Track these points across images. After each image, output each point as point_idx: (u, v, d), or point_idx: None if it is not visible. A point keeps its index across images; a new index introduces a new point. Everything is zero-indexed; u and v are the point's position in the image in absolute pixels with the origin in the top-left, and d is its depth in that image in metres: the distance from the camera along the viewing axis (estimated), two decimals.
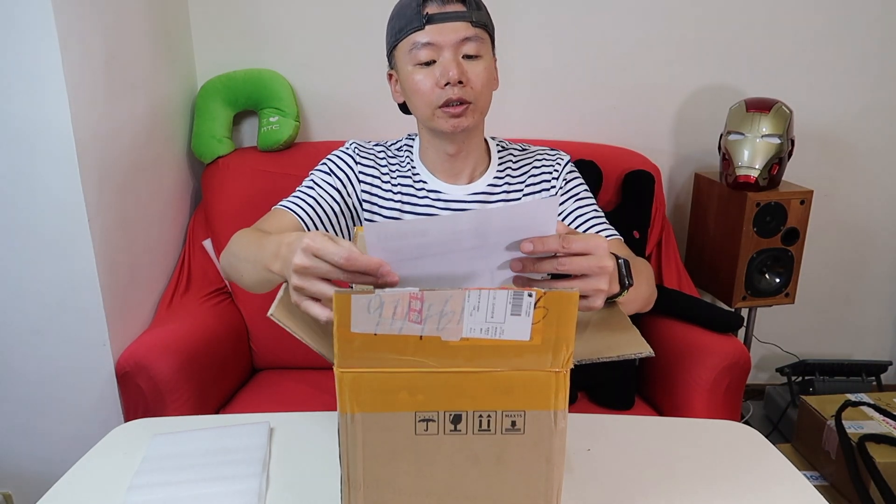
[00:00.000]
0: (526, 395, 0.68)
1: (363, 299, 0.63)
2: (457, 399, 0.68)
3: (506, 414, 0.69)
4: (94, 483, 0.88)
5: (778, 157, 1.82)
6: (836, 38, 2.06)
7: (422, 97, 1.09)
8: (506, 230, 0.75)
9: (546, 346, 0.66)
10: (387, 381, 0.67)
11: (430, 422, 0.69)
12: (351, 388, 0.67)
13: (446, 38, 1.05)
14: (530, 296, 0.64)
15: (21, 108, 1.33)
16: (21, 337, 1.47)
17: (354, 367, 0.66)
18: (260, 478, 0.88)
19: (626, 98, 2.06)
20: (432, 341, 0.66)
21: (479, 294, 0.64)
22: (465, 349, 0.66)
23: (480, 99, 1.10)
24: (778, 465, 0.95)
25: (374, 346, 0.65)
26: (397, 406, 0.68)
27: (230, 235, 1.79)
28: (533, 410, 0.68)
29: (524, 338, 0.66)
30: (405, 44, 1.08)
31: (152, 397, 1.44)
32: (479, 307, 0.65)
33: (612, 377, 1.71)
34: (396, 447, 0.69)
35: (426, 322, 0.65)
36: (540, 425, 0.69)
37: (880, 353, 2.39)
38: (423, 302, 0.64)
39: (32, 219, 1.40)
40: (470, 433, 0.69)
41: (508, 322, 0.65)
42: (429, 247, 0.73)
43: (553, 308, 0.65)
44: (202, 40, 1.95)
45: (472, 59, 1.07)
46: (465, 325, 0.65)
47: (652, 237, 1.86)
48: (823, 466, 1.81)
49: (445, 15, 1.05)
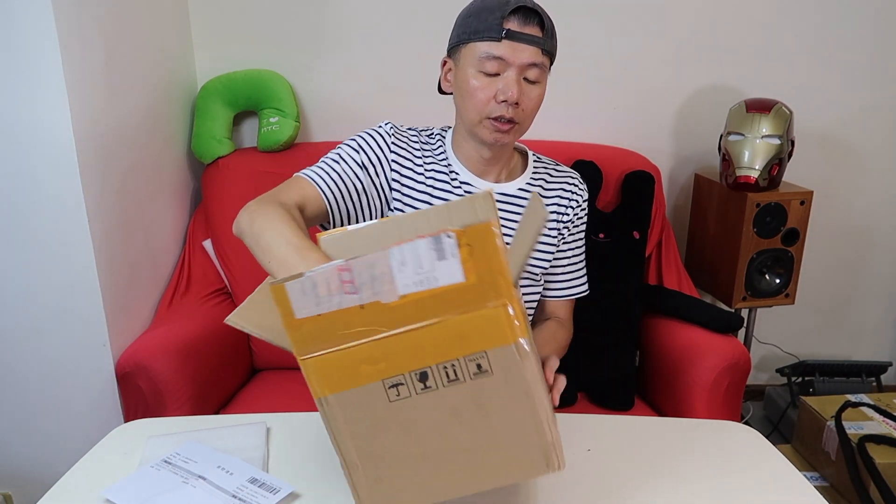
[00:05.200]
0: (481, 336, 0.68)
1: (296, 284, 0.65)
2: (417, 357, 0.68)
3: (468, 359, 0.68)
4: (94, 483, 0.88)
5: (778, 157, 1.82)
6: (836, 38, 2.06)
7: (476, 104, 1.11)
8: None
9: (482, 282, 0.66)
10: (346, 358, 0.68)
11: (400, 386, 0.69)
12: (316, 373, 0.68)
13: (517, 58, 1.07)
14: (450, 237, 0.64)
15: (21, 108, 1.33)
16: (21, 337, 1.47)
17: (312, 352, 0.68)
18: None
19: (626, 98, 2.06)
20: (374, 307, 0.66)
21: (402, 248, 0.65)
22: (408, 306, 0.67)
23: (526, 122, 1.14)
24: (778, 465, 0.95)
25: (321, 327, 0.66)
26: (364, 379, 0.69)
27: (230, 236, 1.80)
28: (493, 349, 0.68)
29: (459, 279, 0.66)
30: (475, 47, 1.09)
31: (152, 398, 1.44)
32: (405, 261, 0.65)
33: (612, 377, 1.71)
34: (376, 419, 0.70)
35: (361, 290, 0.66)
36: (506, 361, 0.68)
37: (880, 353, 2.39)
38: (352, 272, 0.65)
39: (32, 219, 1.40)
40: (441, 387, 0.69)
41: (438, 268, 0.65)
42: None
43: (476, 243, 0.65)
44: (202, 40, 1.95)
45: (531, 84, 1.11)
46: (399, 283, 0.66)
47: (652, 238, 1.86)
48: (823, 467, 1.81)
49: (524, 36, 1.07)
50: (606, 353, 1.72)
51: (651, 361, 1.72)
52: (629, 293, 1.77)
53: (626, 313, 1.75)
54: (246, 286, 1.80)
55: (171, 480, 0.87)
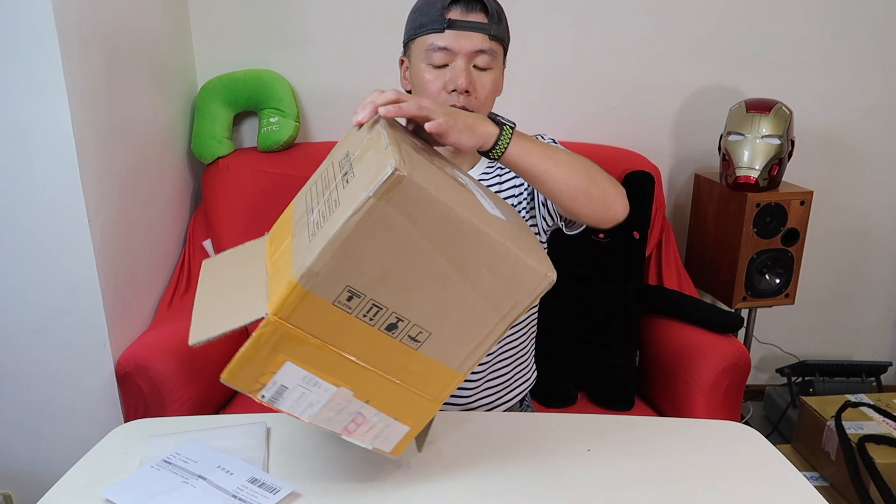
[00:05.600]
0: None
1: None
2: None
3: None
4: (94, 483, 0.88)
5: (778, 157, 1.82)
6: (836, 38, 2.06)
7: (428, 96, 1.11)
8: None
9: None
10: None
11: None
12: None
13: (462, 47, 1.08)
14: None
15: (21, 108, 1.33)
16: (21, 337, 1.47)
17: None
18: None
19: (626, 98, 2.06)
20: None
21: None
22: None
23: (483, 108, 1.13)
24: (778, 465, 0.95)
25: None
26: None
27: (230, 236, 1.80)
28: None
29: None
30: (422, 41, 1.10)
31: (152, 398, 1.44)
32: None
33: (612, 377, 1.71)
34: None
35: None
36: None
37: (880, 353, 2.39)
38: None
39: (32, 219, 1.40)
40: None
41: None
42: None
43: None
44: (202, 40, 1.95)
45: (482, 70, 1.11)
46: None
47: (652, 238, 1.86)
48: (823, 467, 1.81)
49: (466, 23, 1.07)
50: (606, 353, 1.72)
51: (651, 361, 1.72)
52: (629, 293, 1.77)
53: (626, 313, 1.75)
54: None
55: (171, 480, 0.87)
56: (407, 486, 0.88)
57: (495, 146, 0.86)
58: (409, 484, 0.89)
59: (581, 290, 1.74)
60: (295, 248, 0.76)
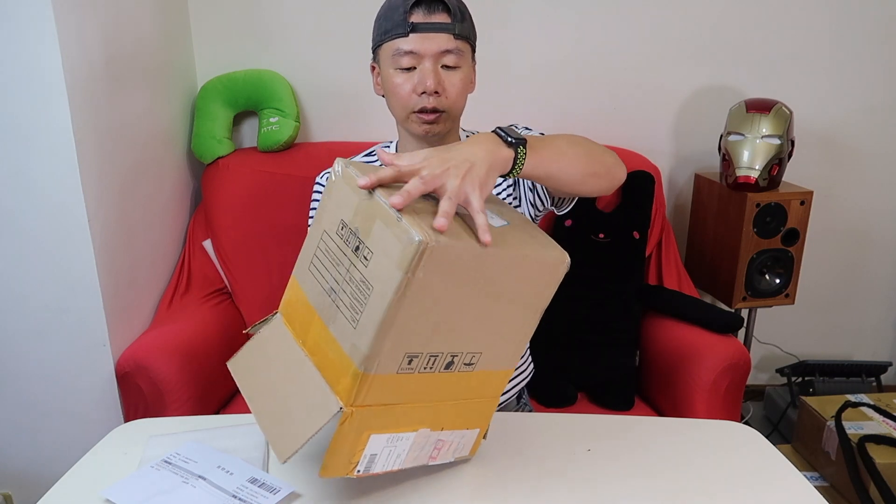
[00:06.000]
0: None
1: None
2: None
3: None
4: (94, 483, 0.88)
5: (778, 157, 1.82)
6: (836, 39, 2.06)
7: (399, 100, 1.13)
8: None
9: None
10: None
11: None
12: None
13: (427, 49, 1.09)
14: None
15: (21, 108, 1.33)
16: (21, 337, 1.47)
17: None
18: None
19: (626, 98, 2.06)
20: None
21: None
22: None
23: (454, 108, 1.15)
24: (778, 465, 0.95)
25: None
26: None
27: (230, 236, 1.81)
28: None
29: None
30: (388, 46, 1.11)
31: (152, 398, 1.44)
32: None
33: (612, 378, 1.71)
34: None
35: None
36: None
37: (880, 353, 2.39)
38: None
39: (32, 219, 1.40)
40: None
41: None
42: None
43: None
44: (202, 40, 1.95)
45: (451, 70, 1.12)
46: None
47: (652, 238, 1.86)
48: (823, 467, 1.81)
49: (430, 25, 1.09)
50: (606, 352, 1.72)
51: (651, 361, 1.72)
52: (629, 293, 1.77)
53: (626, 313, 1.75)
54: (246, 286, 1.80)
55: (171, 480, 0.87)
56: (407, 487, 0.88)
57: (511, 170, 0.84)
58: (408, 484, 0.89)
59: (581, 290, 1.74)
60: (336, 334, 0.76)
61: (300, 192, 1.79)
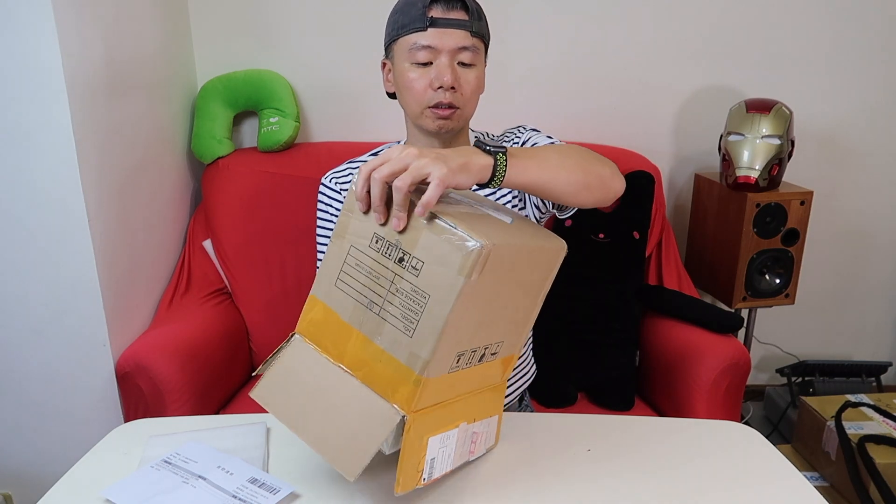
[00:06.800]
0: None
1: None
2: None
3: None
4: (93, 483, 0.88)
5: (778, 157, 1.82)
6: (836, 38, 2.06)
7: (414, 95, 1.13)
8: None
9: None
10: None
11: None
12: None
13: (445, 44, 1.09)
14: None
15: (21, 108, 1.33)
16: (21, 337, 1.47)
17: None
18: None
19: (626, 98, 2.06)
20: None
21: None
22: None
23: (468, 105, 1.15)
24: (778, 465, 0.96)
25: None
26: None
27: (230, 236, 1.81)
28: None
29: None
30: (405, 41, 1.11)
31: (152, 398, 1.44)
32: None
33: (612, 377, 1.71)
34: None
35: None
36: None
37: (880, 353, 2.39)
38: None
39: (32, 219, 1.40)
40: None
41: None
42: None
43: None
44: (202, 40, 1.95)
45: (466, 67, 1.12)
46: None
47: (652, 238, 1.86)
48: (823, 467, 1.81)
49: (448, 21, 1.09)
50: (606, 352, 1.73)
51: (651, 361, 1.72)
52: (629, 293, 1.77)
53: (626, 313, 1.75)
54: (246, 286, 1.80)
55: (171, 480, 0.87)
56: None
57: (493, 177, 0.83)
58: None
59: (581, 290, 1.74)
60: (386, 346, 0.76)
61: (300, 192, 1.79)
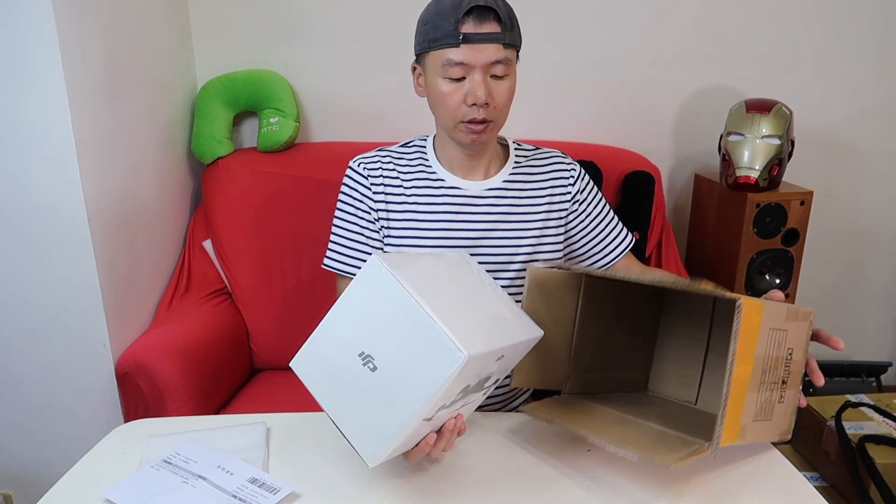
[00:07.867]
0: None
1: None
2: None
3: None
4: (94, 483, 0.88)
5: (778, 157, 1.82)
6: (836, 39, 2.06)
7: (447, 110, 1.11)
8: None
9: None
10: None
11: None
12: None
13: (478, 60, 1.07)
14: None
15: (21, 108, 1.33)
16: (21, 337, 1.47)
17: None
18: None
19: (626, 98, 2.06)
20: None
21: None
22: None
23: (500, 116, 1.14)
24: (778, 465, 0.96)
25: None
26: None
27: (230, 236, 1.81)
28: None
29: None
30: (437, 55, 1.09)
31: (152, 398, 1.44)
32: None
33: None
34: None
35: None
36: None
37: (880, 353, 2.39)
38: None
39: (32, 219, 1.40)
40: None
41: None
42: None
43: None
44: (202, 40, 1.95)
45: (499, 79, 1.10)
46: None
47: (652, 238, 1.86)
48: (823, 467, 1.81)
49: (481, 36, 1.06)
50: None
51: None
52: None
53: None
54: (246, 286, 1.80)
55: (171, 480, 0.87)
56: (407, 487, 0.88)
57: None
58: (408, 485, 0.89)
59: None
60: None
61: (300, 192, 1.79)
